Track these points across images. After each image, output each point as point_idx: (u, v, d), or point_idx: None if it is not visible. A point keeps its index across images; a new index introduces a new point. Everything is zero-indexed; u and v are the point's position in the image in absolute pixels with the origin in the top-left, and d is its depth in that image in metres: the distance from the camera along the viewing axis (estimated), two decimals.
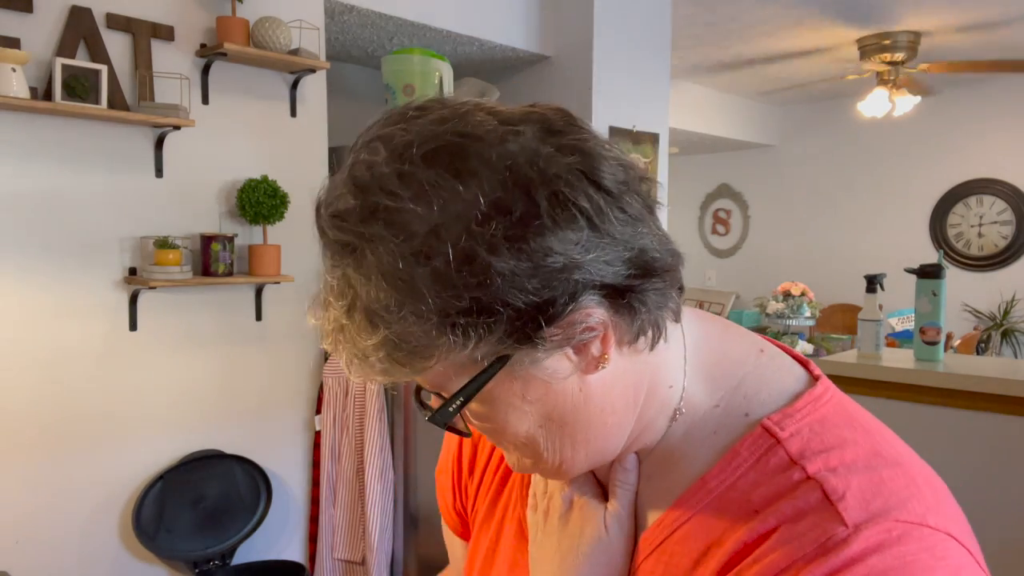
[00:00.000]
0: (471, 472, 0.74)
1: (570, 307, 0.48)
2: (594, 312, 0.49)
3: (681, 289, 0.55)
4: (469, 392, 0.51)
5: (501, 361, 0.50)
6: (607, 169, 0.49)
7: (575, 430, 0.54)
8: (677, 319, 0.56)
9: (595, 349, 0.51)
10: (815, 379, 0.58)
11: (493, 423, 0.54)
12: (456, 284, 0.47)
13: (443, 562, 0.84)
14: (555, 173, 0.48)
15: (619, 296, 0.50)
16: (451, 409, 0.52)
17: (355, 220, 0.49)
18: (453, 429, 0.55)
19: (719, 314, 4.75)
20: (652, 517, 0.57)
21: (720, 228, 6.52)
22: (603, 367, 0.52)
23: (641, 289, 0.50)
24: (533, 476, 0.65)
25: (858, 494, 0.49)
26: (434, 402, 0.54)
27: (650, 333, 0.52)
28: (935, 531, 0.47)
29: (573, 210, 0.47)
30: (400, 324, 0.48)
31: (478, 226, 0.46)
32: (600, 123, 3.00)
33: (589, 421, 0.54)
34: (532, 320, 0.48)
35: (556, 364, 0.51)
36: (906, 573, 0.45)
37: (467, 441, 0.74)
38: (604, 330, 0.50)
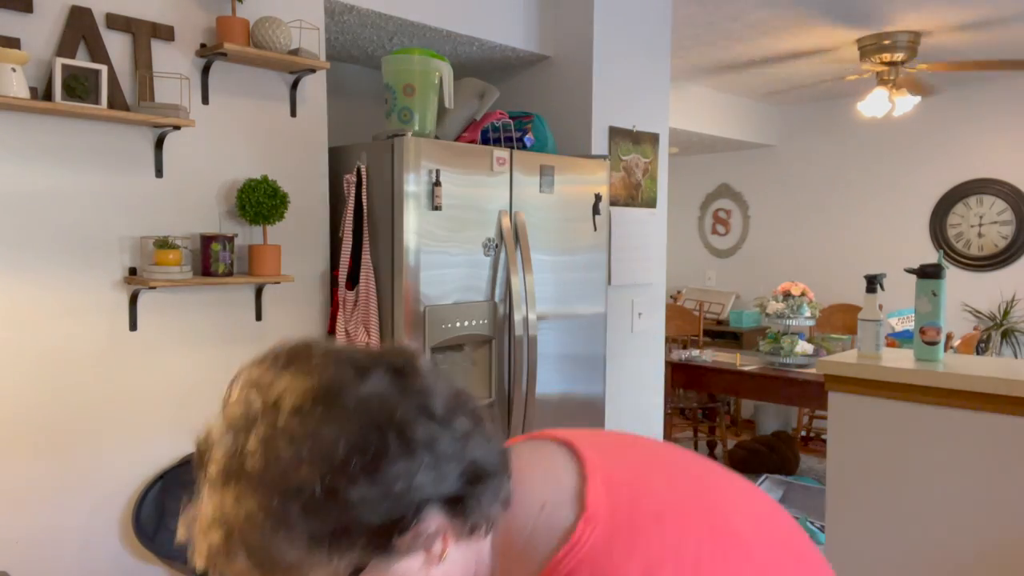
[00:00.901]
0: None
1: (415, 520, 0.59)
2: (435, 520, 0.60)
3: (505, 465, 0.66)
4: None
5: (359, 570, 0.59)
6: (439, 402, 0.62)
7: None
8: (506, 507, 0.66)
9: (437, 548, 0.61)
10: (580, 516, 0.65)
11: None
12: (322, 513, 0.56)
13: None
14: (401, 415, 0.59)
15: (456, 503, 0.61)
16: None
17: (236, 460, 0.58)
18: None
19: (719, 314, 4.72)
20: None
21: (720, 228, 6.52)
22: (443, 561, 0.62)
23: (474, 493, 0.62)
24: None
25: None
26: None
27: (483, 527, 0.64)
28: None
29: (415, 442, 0.58)
30: (273, 548, 0.57)
31: (340, 464, 0.56)
32: (600, 123, 3.01)
33: None
34: (386, 535, 0.58)
35: (406, 565, 0.61)
36: None
37: None
38: (444, 531, 0.61)
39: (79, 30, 1.86)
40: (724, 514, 0.66)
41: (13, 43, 1.77)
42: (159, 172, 2.03)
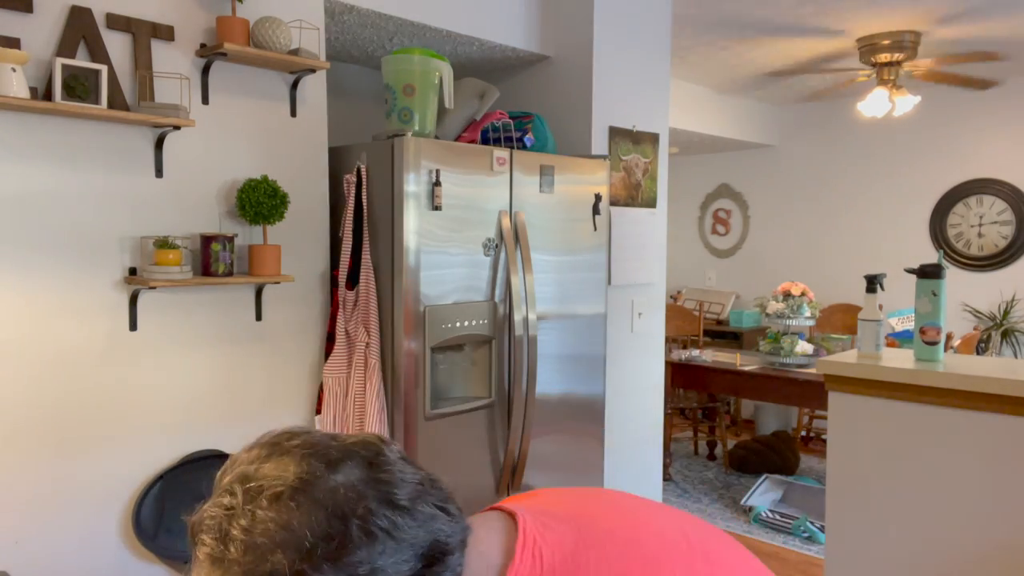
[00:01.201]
0: None
1: None
2: None
3: (463, 543, 0.74)
4: None
5: None
6: (403, 492, 0.70)
7: None
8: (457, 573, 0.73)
9: None
10: None
11: None
12: None
13: None
14: (364, 507, 0.67)
15: None
16: None
17: (221, 545, 0.67)
18: None
19: (719, 314, 4.75)
20: None
21: (720, 228, 6.53)
22: None
23: (432, 572, 0.69)
24: None
25: None
26: None
27: None
28: None
29: (376, 530, 0.66)
30: None
31: (307, 552, 0.65)
32: (600, 123, 3.01)
33: None
34: None
35: None
36: None
37: None
38: None
39: (79, 30, 1.86)
40: None
41: (13, 43, 1.77)
42: (159, 172, 2.03)
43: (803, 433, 5.52)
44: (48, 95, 1.80)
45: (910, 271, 2.27)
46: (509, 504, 0.84)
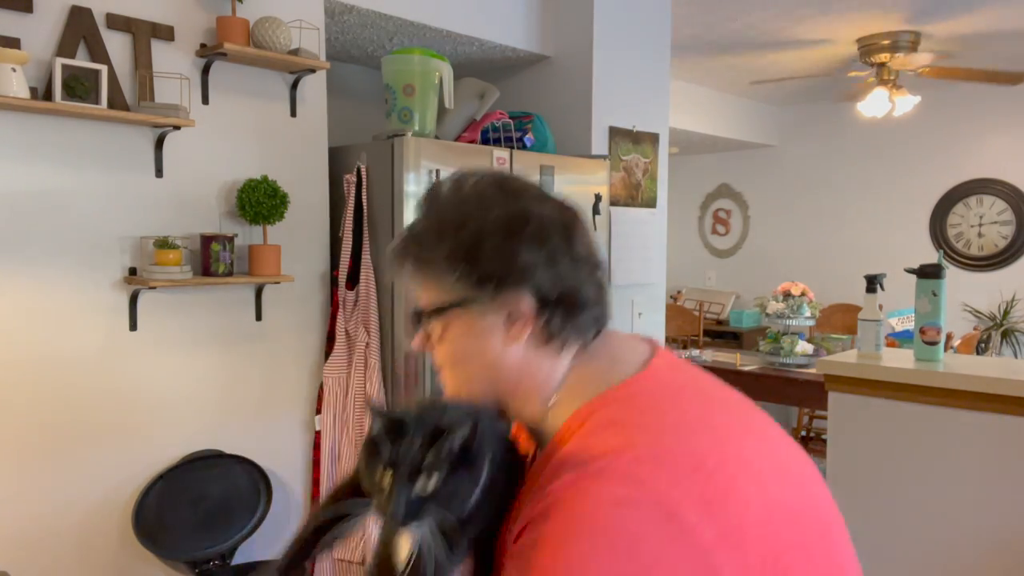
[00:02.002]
0: None
1: (515, 290, 0.78)
2: (526, 301, 0.78)
3: (598, 322, 0.83)
4: (440, 309, 0.81)
5: (464, 301, 0.80)
6: (579, 246, 0.82)
7: (481, 371, 0.82)
8: (581, 343, 0.82)
9: (517, 327, 0.79)
10: (640, 371, 0.80)
11: (439, 339, 0.83)
12: (465, 244, 0.79)
13: None
14: (546, 227, 0.80)
15: (545, 304, 0.79)
16: (426, 314, 0.83)
17: (454, 189, 0.85)
18: (421, 331, 0.85)
19: (719, 314, 4.74)
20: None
21: (720, 228, 6.52)
22: (517, 343, 0.80)
23: (561, 308, 0.79)
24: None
25: (576, 453, 0.71)
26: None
27: (557, 343, 0.80)
28: (599, 479, 0.67)
29: (545, 244, 0.79)
30: (426, 249, 0.82)
31: (491, 221, 0.79)
32: (600, 123, 3.01)
33: (494, 373, 0.82)
34: (492, 282, 0.78)
35: (491, 323, 0.80)
36: (558, 506, 0.67)
37: None
38: (528, 318, 0.79)
39: (79, 30, 1.86)
40: (751, 445, 0.76)
41: (13, 43, 1.77)
42: (159, 172, 2.03)
43: (803, 433, 5.52)
44: (48, 95, 1.80)
45: (910, 271, 2.27)
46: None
